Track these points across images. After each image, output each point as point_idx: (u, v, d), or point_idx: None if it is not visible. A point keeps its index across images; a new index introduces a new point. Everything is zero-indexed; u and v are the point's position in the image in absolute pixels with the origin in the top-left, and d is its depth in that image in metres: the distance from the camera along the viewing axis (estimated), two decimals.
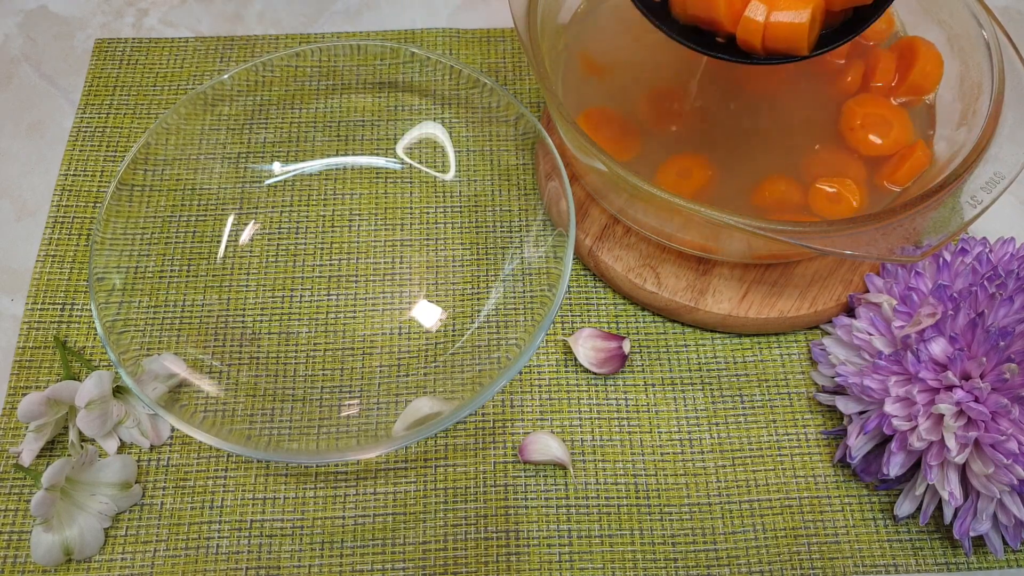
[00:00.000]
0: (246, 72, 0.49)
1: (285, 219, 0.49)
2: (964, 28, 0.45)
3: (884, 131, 0.44)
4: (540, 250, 0.46)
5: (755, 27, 0.35)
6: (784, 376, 0.45)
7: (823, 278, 0.46)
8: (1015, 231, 0.50)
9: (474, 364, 0.44)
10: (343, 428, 0.43)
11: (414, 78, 0.52)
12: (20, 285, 0.48)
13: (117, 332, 0.41)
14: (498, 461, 0.43)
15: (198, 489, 0.42)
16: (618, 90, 0.46)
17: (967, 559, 0.41)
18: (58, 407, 0.41)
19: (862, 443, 0.40)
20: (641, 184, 0.39)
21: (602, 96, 0.46)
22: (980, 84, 0.43)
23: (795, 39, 0.35)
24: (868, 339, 0.41)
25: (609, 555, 0.41)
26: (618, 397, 0.44)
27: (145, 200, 0.46)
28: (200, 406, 0.42)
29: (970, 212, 0.39)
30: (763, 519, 0.42)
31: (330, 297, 0.47)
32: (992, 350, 0.37)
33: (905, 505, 0.40)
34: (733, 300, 0.45)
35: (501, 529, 0.41)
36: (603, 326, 0.46)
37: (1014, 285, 0.39)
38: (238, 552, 0.41)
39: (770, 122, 0.46)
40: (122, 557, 0.40)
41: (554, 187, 0.44)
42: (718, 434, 0.44)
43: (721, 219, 0.38)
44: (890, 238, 0.37)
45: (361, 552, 0.41)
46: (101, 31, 0.57)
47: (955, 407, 0.37)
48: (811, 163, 0.44)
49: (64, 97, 0.54)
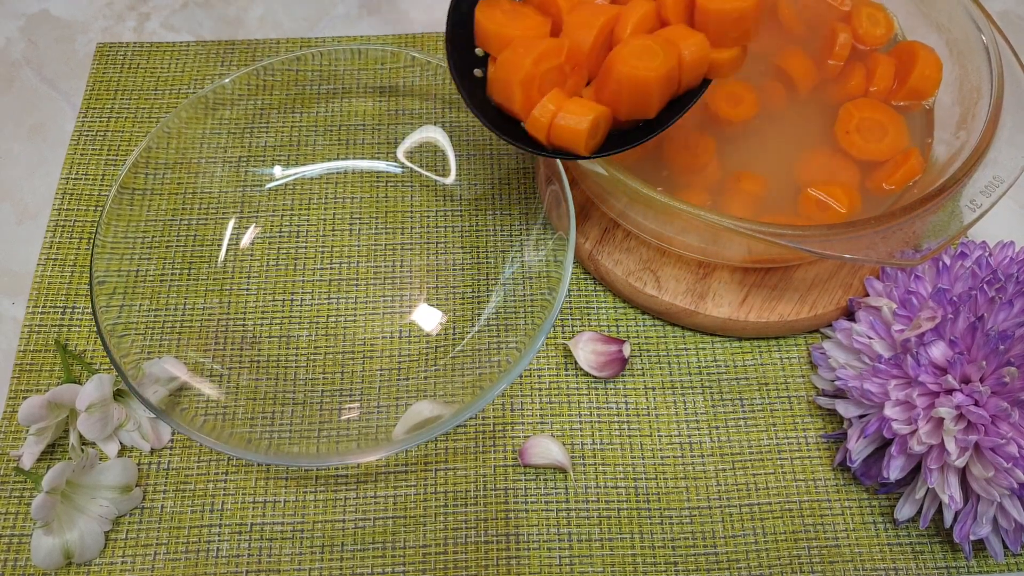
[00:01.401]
0: (247, 76, 0.49)
1: (286, 223, 0.49)
2: (963, 32, 0.45)
3: (879, 136, 0.44)
4: (540, 254, 0.46)
5: (540, 125, 0.38)
6: (784, 380, 0.45)
7: (823, 282, 0.46)
8: (1014, 235, 0.50)
9: (474, 368, 0.44)
10: (343, 432, 0.43)
11: (415, 82, 0.52)
12: (21, 288, 0.48)
13: (118, 335, 0.41)
14: (498, 465, 0.43)
15: (198, 492, 0.42)
16: None
17: (967, 563, 0.41)
18: (59, 410, 0.41)
19: (862, 447, 0.40)
20: (641, 188, 0.39)
21: None
22: (979, 88, 0.43)
23: (575, 142, 0.38)
24: (868, 343, 0.41)
25: (609, 559, 0.41)
26: (618, 401, 0.45)
27: (146, 204, 0.46)
28: (201, 409, 0.42)
29: (969, 216, 0.39)
30: (763, 523, 0.42)
31: (330, 301, 0.47)
32: (992, 354, 0.37)
33: (905, 509, 0.40)
34: (733, 304, 0.45)
35: (501, 533, 0.41)
36: (603, 330, 0.46)
37: (1014, 289, 0.39)
38: (238, 555, 0.41)
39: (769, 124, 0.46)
40: (122, 560, 0.40)
41: (554, 191, 0.44)
42: (718, 438, 0.44)
43: (720, 222, 0.38)
44: (890, 242, 0.38)
45: (361, 555, 0.41)
46: (103, 35, 0.57)
47: (955, 411, 0.37)
48: (804, 166, 0.44)
49: (65, 101, 0.54)
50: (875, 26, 0.47)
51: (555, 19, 0.40)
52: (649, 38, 0.38)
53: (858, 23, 0.47)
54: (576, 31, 0.39)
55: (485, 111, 0.40)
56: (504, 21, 0.40)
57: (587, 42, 0.38)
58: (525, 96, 0.38)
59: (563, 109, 0.37)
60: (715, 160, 0.45)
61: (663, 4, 0.39)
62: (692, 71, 0.38)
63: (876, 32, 0.47)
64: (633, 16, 0.39)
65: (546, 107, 0.38)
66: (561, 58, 0.38)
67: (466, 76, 0.41)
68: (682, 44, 0.38)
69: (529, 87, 0.38)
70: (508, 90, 0.38)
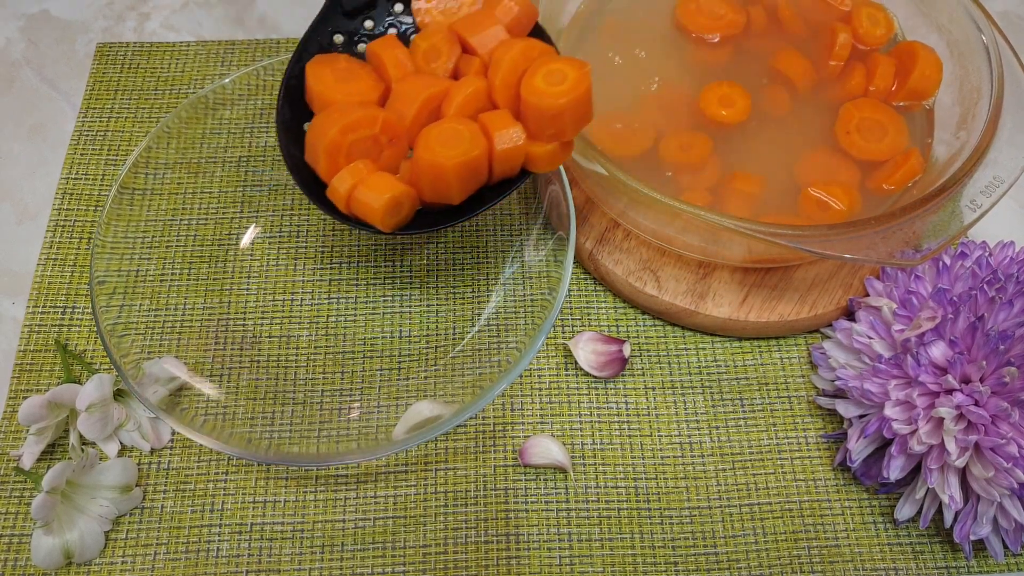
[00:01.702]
0: (247, 76, 0.49)
1: (286, 222, 0.49)
2: (963, 33, 0.45)
3: (879, 136, 0.44)
4: (540, 254, 0.46)
5: (339, 196, 0.37)
6: (784, 380, 0.45)
7: (823, 282, 0.46)
8: (1015, 235, 0.50)
9: (474, 368, 0.44)
10: (343, 431, 0.43)
11: None
12: (21, 288, 0.48)
13: (118, 335, 0.41)
14: (498, 465, 0.43)
15: (199, 492, 0.42)
16: (618, 93, 0.46)
17: (967, 563, 0.41)
18: (59, 410, 0.41)
19: (862, 447, 0.40)
20: (641, 188, 0.39)
21: (602, 99, 0.46)
22: (979, 88, 0.43)
23: (372, 218, 0.37)
24: (868, 343, 0.41)
25: (609, 559, 0.41)
26: (618, 401, 0.45)
27: (146, 204, 0.46)
28: (201, 409, 0.42)
29: (969, 216, 0.39)
30: (763, 523, 0.42)
31: (330, 300, 0.47)
32: (992, 354, 0.37)
33: (905, 509, 0.40)
34: (733, 304, 0.45)
35: (501, 533, 0.41)
36: (603, 330, 0.46)
37: (1014, 289, 0.39)
38: (238, 555, 0.41)
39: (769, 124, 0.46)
40: (122, 560, 0.40)
41: (554, 191, 0.44)
42: (718, 438, 0.44)
43: (720, 222, 0.38)
44: (890, 242, 0.38)
45: (361, 555, 0.41)
46: (103, 35, 0.57)
47: (955, 411, 0.37)
48: (805, 166, 0.44)
49: (66, 101, 0.54)
50: (875, 26, 0.47)
51: (387, 85, 0.39)
52: (463, 122, 0.37)
53: (858, 23, 0.47)
54: (400, 102, 0.38)
55: (302, 168, 0.39)
56: (331, 83, 0.39)
57: (408, 115, 0.37)
58: (330, 164, 0.37)
59: (363, 183, 0.36)
60: (715, 160, 0.45)
61: (492, 87, 0.38)
62: (506, 162, 0.37)
63: (876, 32, 0.47)
64: (459, 95, 0.37)
65: (344, 178, 0.37)
66: (375, 129, 0.37)
67: (291, 130, 0.40)
68: (496, 135, 0.36)
69: (334, 155, 0.37)
70: (314, 155, 0.38)
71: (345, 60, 0.40)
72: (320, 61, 0.40)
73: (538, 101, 0.36)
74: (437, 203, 0.39)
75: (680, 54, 0.47)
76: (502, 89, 0.37)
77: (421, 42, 0.40)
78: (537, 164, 0.38)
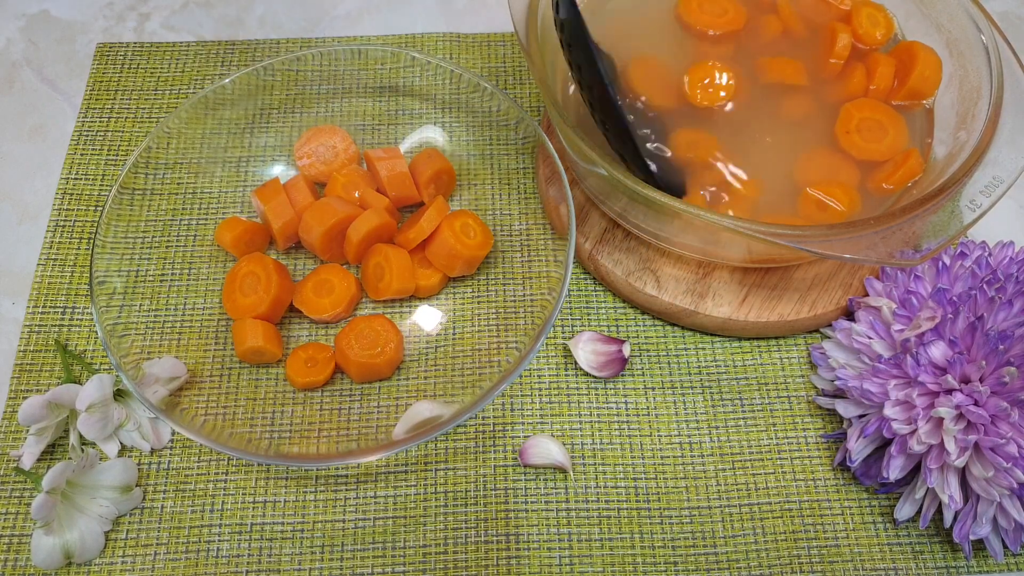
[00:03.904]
0: (247, 76, 0.49)
1: None
2: (963, 32, 0.45)
3: (879, 136, 0.44)
4: (540, 254, 0.46)
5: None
6: (784, 380, 0.45)
7: (823, 282, 0.46)
8: (1014, 235, 0.50)
9: (474, 368, 0.44)
10: (343, 432, 0.43)
11: (415, 82, 0.52)
12: (21, 288, 0.48)
13: (118, 335, 0.41)
14: (498, 465, 0.43)
15: (199, 492, 0.42)
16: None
17: (967, 562, 0.41)
18: (59, 410, 0.41)
19: (862, 446, 0.40)
20: (641, 188, 0.39)
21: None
22: (979, 88, 0.43)
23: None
24: (868, 343, 0.41)
25: (609, 559, 0.41)
26: (618, 401, 0.45)
27: (146, 204, 0.46)
28: (201, 409, 0.42)
29: (969, 216, 0.39)
30: (763, 522, 0.42)
31: None
32: (991, 354, 0.37)
33: (905, 508, 0.40)
34: (733, 304, 0.45)
35: (501, 533, 0.41)
36: (603, 330, 0.46)
37: (1013, 289, 0.39)
38: (238, 555, 0.41)
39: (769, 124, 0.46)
40: (122, 560, 0.40)
41: (554, 191, 0.44)
42: (718, 438, 0.44)
43: (720, 222, 0.38)
44: (889, 242, 0.38)
45: (361, 555, 0.41)
46: (103, 35, 0.57)
47: (955, 410, 0.37)
48: (804, 166, 0.44)
49: (66, 101, 0.54)
50: (875, 26, 0.47)
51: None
52: (335, 271, 0.46)
53: (858, 23, 0.47)
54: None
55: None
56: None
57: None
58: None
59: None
60: (714, 160, 0.44)
61: None
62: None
63: (876, 32, 0.47)
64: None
65: None
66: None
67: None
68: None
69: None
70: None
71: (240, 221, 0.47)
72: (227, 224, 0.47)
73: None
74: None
75: (683, 53, 0.47)
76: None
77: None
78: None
